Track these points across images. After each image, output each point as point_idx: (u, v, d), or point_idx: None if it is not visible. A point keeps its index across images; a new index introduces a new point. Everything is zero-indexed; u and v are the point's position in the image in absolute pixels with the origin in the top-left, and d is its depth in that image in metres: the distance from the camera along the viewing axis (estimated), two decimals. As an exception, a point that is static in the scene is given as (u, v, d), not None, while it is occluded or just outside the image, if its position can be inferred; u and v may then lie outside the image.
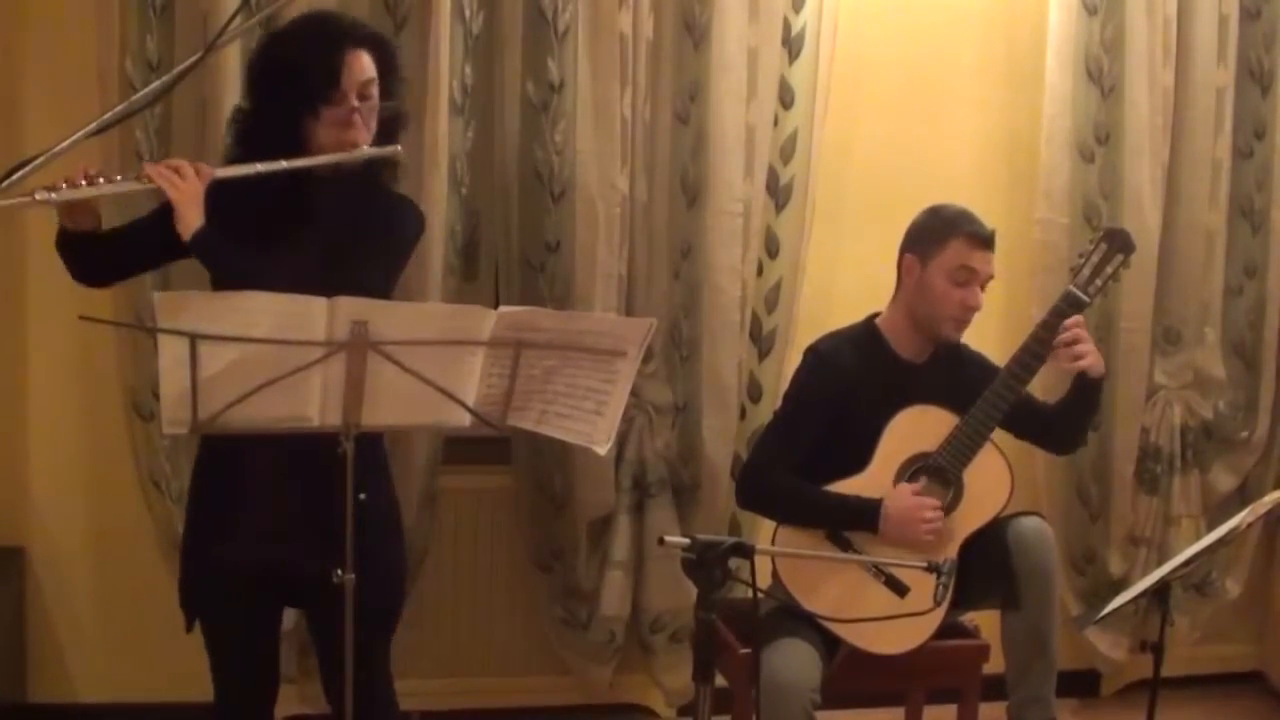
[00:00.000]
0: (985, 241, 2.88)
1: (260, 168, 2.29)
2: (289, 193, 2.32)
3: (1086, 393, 2.96)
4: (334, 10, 2.48)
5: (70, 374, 3.33)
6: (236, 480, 2.36)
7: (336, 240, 2.31)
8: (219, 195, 2.28)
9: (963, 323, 2.92)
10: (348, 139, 2.33)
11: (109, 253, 2.38)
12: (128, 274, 2.50)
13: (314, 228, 2.33)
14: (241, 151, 2.36)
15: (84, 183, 2.22)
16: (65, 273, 2.38)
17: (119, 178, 2.27)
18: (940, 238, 2.88)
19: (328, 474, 2.11)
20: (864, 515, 2.83)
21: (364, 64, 2.33)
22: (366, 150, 2.36)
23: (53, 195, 2.18)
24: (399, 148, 2.42)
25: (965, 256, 2.86)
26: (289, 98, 2.31)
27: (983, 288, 2.90)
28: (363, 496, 2.35)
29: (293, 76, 2.30)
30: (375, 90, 2.36)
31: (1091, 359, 2.89)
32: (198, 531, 2.45)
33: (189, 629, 2.46)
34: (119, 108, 2.55)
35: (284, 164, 2.29)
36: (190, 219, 2.23)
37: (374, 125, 2.37)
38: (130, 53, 3.06)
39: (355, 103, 2.32)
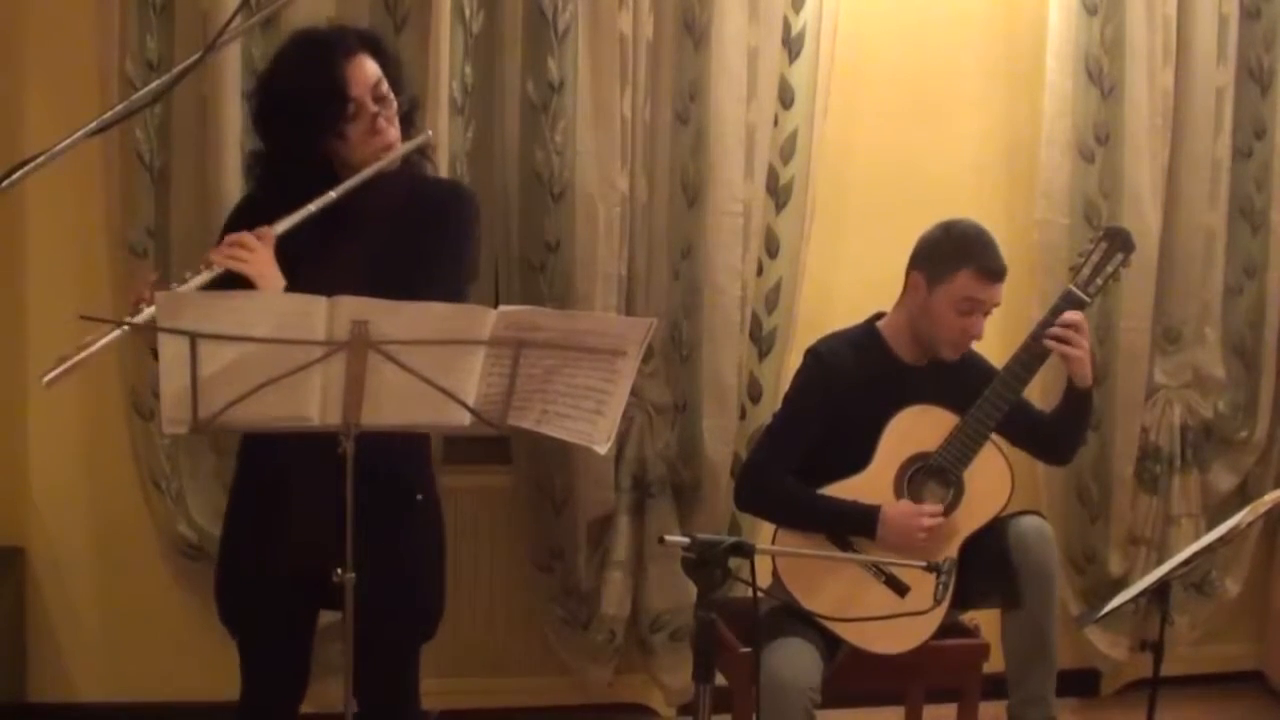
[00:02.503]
0: (996, 275, 2.85)
1: (314, 208, 2.25)
2: (335, 209, 2.29)
3: (1075, 403, 2.95)
4: (316, 26, 2.44)
5: (70, 374, 3.32)
6: (282, 486, 2.34)
7: (396, 240, 2.30)
8: (263, 220, 2.24)
9: (962, 348, 2.92)
10: (380, 144, 2.31)
11: None
12: None
13: (367, 237, 2.31)
14: (276, 195, 2.31)
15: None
16: (65, 273, 2.39)
17: (188, 275, 2.21)
18: (950, 266, 2.85)
19: (370, 477, 2.10)
20: (862, 521, 2.83)
21: (367, 68, 2.31)
22: (401, 148, 2.34)
23: (138, 319, 2.14)
24: (430, 133, 2.41)
25: (972, 289, 2.84)
26: (307, 131, 2.27)
27: (987, 314, 2.89)
28: (420, 497, 2.35)
29: (302, 110, 2.26)
30: (386, 87, 2.34)
31: (1073, 351, 2.86)
32: (239, 538, 2.44)
33: (235, 636, 2.44)
34: (119, 108, 2.53)
35: (334, 194, 2.26)
36: (270, 289, 2.19)
37: (398, 121, 2.35)
38: (130, 53, 3.06)
39: (374, 108, 2.30)
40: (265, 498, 2.39)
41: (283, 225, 2.24)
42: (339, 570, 2.14)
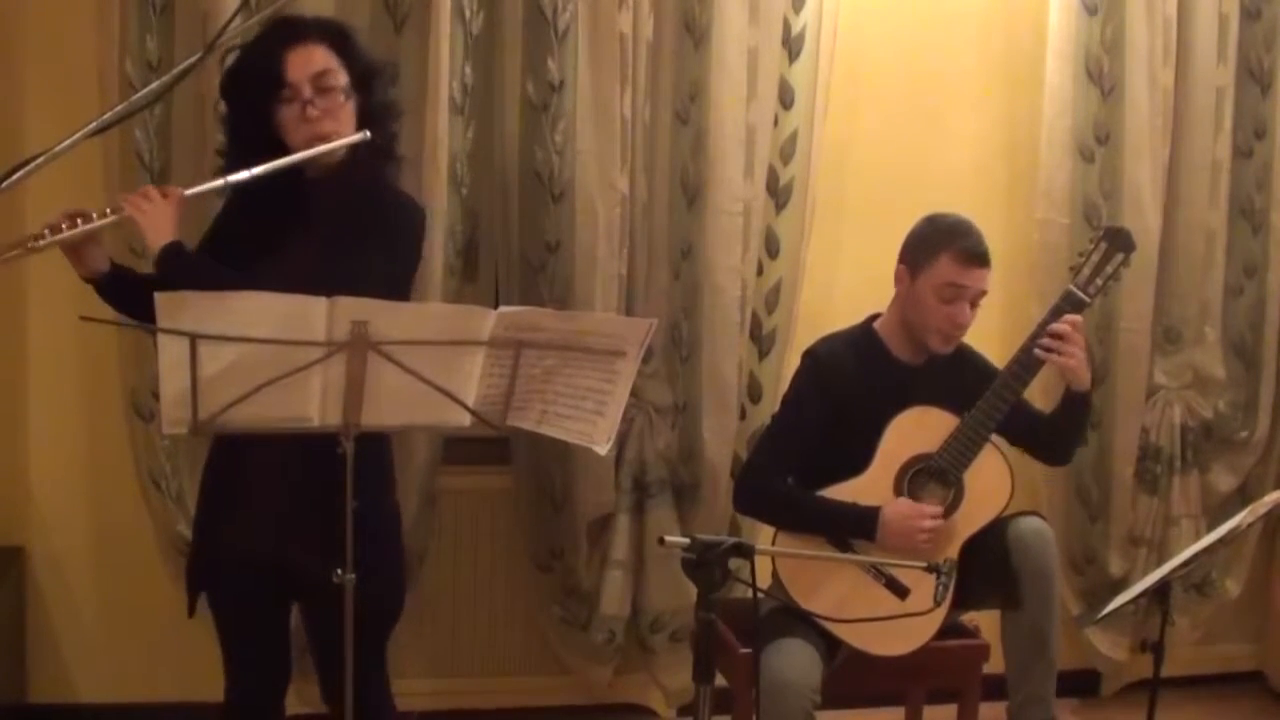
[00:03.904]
0: (975, 259, 2.83)
1: (231, 179, 2.30)
2: (287, 198, 2.32)
3: (1073, 406, 2.94)
4: (290, 14, 2.47)
5: (70, 374, 3.33)
6: (240, 476, 2.38)
7: (330, 244, 2.29)
8: (225, 215, 2.31)
9: (950, 338, 2.90)
10: (313, 134, 2.32)
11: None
12: None
13: (309, 232, 2.31)
14: (232, 161, 2.38)
15: (65, 226, 2.26)
16: (65, 273, 2.38)
17: (96, 213, 2.29)
18: (930, 251, 2.86)
19: (326, 474, 2.11)
20: (862, 523, 2.82)
21: (312, 57, 2.33)
22: (334, 143, 2.33)
23: (40, 244, 2.24)
24: (366, 134, 2.37)
25: (952, 274, 2.83)
26: (245, 109, 2.34)
27: (974, 304, 2.87)
28: (354, 503, 2.34)
29: (243, 87, 2.34)
30: (337, 80, 2.34)
31: (1069, 361, 2.85)
32: (205, 522, 2.48)
33: (190, 613, 2.48)
34: (119, 108, 2.54)
35: (249, 172, 2.29)
36: (153, 240, 2.26)
37: (348, 116, 2.36)
38: (130, 53, 3.06)
39: (308, 95, 2.31)
40: (221, 490, 2.43)
41: (193, 189, 2.34)
42: (309, 567, 2.16)
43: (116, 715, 3.42)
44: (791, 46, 3.40)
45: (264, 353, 1.99)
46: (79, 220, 2.27)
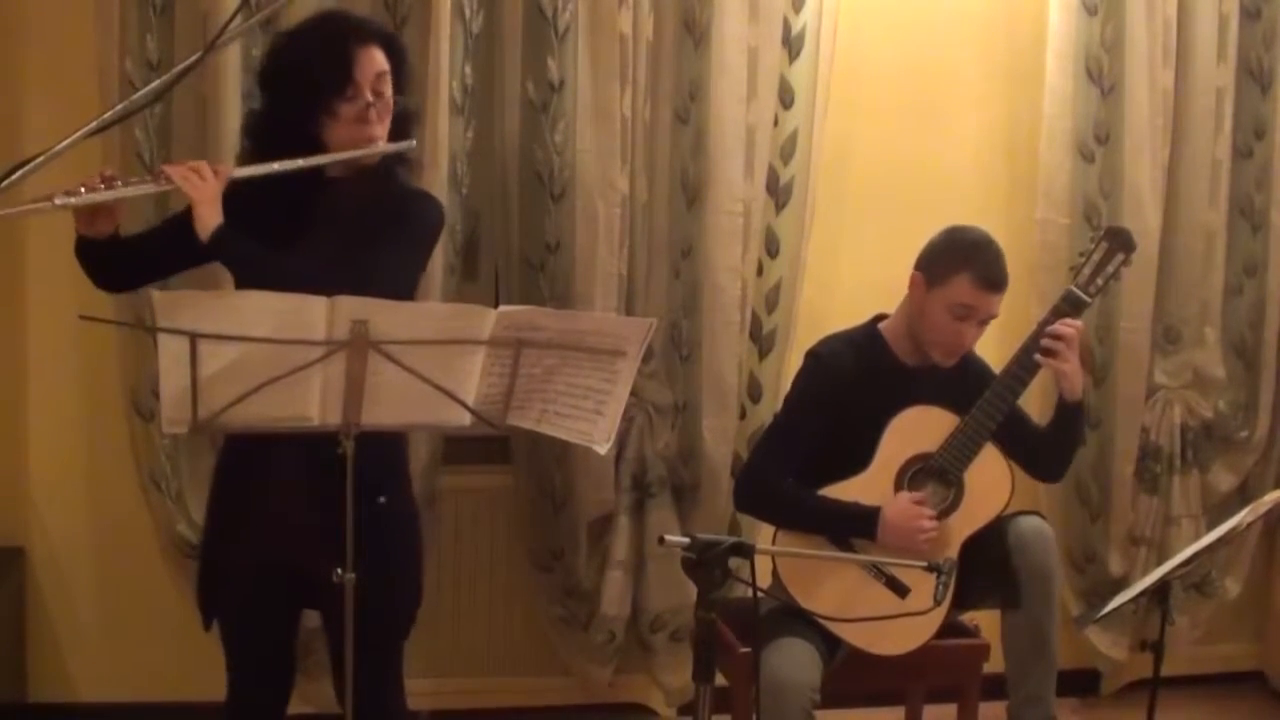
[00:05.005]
0: (993, 284, 2.83)
1: (278, 166, 2.29)
2: (305, 194, 2.33)
3: (1065, 416, 2.94)
4: (343, 9, 2.48)
5: (70, 374, 3.33)
6: (254, 481, 2.37)
7: (354, 237, 2.30)
8: (235, 201, 2.28)
9: (953, 353, 2.89)
10: (364, 135, 2.33)
11: (129, 260, 2.38)
12: (148, 280, 2.46)
13: (331, 227, 2.32)
14: (259, 154, 2.36)
15: (102, 186, 2.22)
16: (65, 273, 2.39)
17: (135, 180, 2.27)
18: (949, 268, 2.84)
19: (343, 476, 2.11)
20: (862, 522, 2.82)
21: (376, 59, 2.34)
22: (382, 146, 2.36)
23: (71, 200, 2.19)
24: (414, 142, 2.41)
25: (967, 295, 2.82)
26: (303, 96, 2.31)
27: (981, 324, 2.87)
28: (382, 499, 2.35)
29: (306, 75, 2.30)
30: (388, 86, 2.36)
31: (1063, 365, 2.84)
32: (217, 531, 2.47)
33: (206, 628, 2.47)
34: (119, 108, 2.54)
35: (301, 161, 2.29)
36: (208, 219, 2.23)
37: (388, 122, 2.37)
38: (130, 53, 3.06)
39: (370, 98, 2.32)
40: (239, 494, 2.42)
41: (243, 171, 2.31)
42: (333, 571, 2.15)
43: (116, 715, 3.42)
44: (791, 46, 3.40)
45: (264, 352, 1.99)
46: (118, 182, 2.23)
